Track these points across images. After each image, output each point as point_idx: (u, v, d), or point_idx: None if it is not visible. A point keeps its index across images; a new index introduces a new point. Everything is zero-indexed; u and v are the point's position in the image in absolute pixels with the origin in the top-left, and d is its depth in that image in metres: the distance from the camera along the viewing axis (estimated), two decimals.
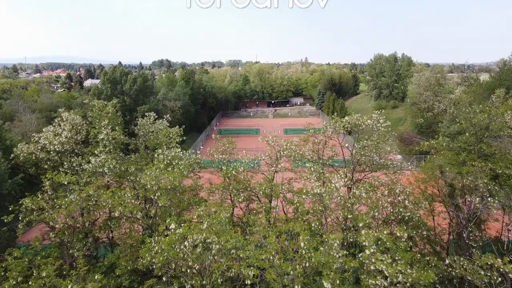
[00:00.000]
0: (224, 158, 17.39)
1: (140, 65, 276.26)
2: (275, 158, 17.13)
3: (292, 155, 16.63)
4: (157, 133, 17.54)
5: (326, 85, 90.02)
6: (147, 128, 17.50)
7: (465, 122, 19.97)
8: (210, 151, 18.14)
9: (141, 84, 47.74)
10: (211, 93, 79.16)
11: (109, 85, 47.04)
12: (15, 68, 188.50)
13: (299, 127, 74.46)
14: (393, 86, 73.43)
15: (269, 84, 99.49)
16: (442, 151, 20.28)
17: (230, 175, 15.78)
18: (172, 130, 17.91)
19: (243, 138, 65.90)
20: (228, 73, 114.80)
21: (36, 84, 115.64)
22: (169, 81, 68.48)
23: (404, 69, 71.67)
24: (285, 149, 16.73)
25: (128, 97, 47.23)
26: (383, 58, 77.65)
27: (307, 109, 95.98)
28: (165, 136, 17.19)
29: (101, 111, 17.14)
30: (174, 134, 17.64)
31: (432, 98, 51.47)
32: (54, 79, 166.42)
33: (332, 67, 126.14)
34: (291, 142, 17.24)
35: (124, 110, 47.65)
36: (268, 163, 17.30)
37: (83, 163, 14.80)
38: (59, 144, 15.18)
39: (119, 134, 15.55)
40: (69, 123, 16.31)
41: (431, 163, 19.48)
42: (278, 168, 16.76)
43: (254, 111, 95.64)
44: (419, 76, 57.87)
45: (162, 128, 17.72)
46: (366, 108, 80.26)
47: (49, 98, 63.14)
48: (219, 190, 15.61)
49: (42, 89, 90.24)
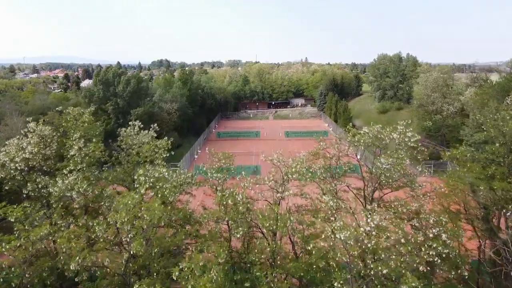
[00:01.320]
0: (219, 177, 14.64)
1: (139, 65, 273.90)
2: (282, 181, 14.16)
3: (302, 179, 13.88)
4: (140, 147, 14.95)
5: (327, 86, 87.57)
6: (131, 140, 15.04)
7: (494, 130, 17.58)
8: (203, 168, 15.56)
9: (135, 86, 45.38)
10: (210, 94, 76.76)
11: (101, 86, 44.71)
12: (12, 68, 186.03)
13: (300, 129, 72.40)
14: (397, 87, 70.99)
15: (269, 84, 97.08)
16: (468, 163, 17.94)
17: (226, 203, 12.84)
18: (159, 143, 15.39)
19: (243, 141, 63.70)
20: (227, 73, 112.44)
21: (32, 85, 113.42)
22: (166, 82, 66.08)
23: (409, 70, 69.25)
24: (294, 171, 13.64)
25: (121, 99, 44.88)
26: (387, 58, 75.20)
27: (309, 110, 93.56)
28: (150, 151, 14.64)
29: (77, 120, 14.75)
30: (160, 148, 15.08)
31: (441, 100, 49.05)
32: (52, 79, 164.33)
33: (333, 67, 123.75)
34: (301, 161, 14.24)
35: (117, 113, 45.40)
36: (273, 187, 14.22)
37: (50, 184, 12.36)
38: (22, 161, 12.78)
39: (94, 148, 13.12)
40: (37, 135, 13.93)
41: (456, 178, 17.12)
42: (285, 194, 13.63)
43: (254, 113, 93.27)
44: (425, 77, 55.48)
45: (147, 141, 15.06)
46: (369, 110, 77.89)
47: (42, 99, 60.84)
48: (213, 219, 12.97)
49: (38, 90, 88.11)
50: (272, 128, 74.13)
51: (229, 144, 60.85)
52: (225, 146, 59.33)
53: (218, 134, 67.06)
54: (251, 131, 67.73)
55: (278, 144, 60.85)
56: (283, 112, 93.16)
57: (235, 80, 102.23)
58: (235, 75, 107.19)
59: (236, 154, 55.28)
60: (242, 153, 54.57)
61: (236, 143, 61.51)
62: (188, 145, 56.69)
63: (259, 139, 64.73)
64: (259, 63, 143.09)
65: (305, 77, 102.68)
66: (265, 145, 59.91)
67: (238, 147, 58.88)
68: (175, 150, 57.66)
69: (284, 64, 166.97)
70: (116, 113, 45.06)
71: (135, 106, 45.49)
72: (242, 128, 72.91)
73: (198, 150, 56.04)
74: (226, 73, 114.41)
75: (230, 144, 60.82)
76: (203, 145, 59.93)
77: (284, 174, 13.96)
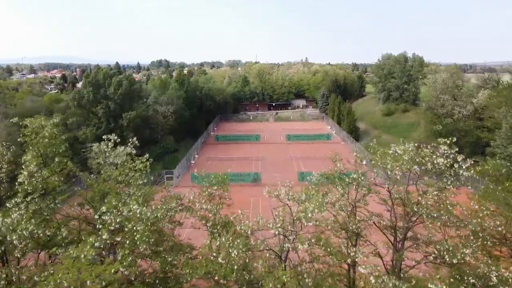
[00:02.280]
0: (210, 209, 11.60)
1: (138, 65, 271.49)
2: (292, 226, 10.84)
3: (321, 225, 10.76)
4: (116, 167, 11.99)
5: (330, 87, 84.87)
6: (103, 159, 12.25)
7: None
8: (190, 196, 12.51)
9: (127, 88, 42.67)
10: (208, 96, 73.99)
11: (91, 88, 41.99)
12: (8, 69, 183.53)
13: (302, 132, 69.60)
14: (403, 88, 68.21)
15: (270, 85, 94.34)
16: (503, 180, 15.29)
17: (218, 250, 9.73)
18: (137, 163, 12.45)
19: (242, 144, 60.98)
20: (227, 74, 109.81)
21: (28, 85, 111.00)
22: (161, 83, 63.30)
23: (416, 70, 66.51)
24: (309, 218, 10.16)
25: (112, 102, 42.16)
26: (392, 58, 72.43)
27: (310, 112, 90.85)
28: (123, 175, 11.78)
29: (37, 134, 12.04)
30: (137, 171, 12.14)
31: (452, 102, 46.33)
32: (50, 79, 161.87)
33: (335, 67, 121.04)
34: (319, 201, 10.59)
35: (108, 117, 42.71)
36: (281, 234, 10.92)
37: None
38: None
39: (49, 173, 10.39)
40: None
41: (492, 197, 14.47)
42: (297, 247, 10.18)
43: (254, 114, 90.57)
44: (434, 78, 52.81)
45: (121, 162, 12.09)
46: (373, 112, 75.20)
47: (33, 101, 58.30)
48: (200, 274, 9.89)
49: (33, 91, 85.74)
50: (272, 131, 71.40)
51: (228, 148, 58.19)
52: (223, 150, 56.70)
53: (216, 138, 64.34)
54: (251, 135, 65.00)
55: (279, 148, 58.16)
56: (284, 114, 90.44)
57: (235, 80, 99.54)
58: (235, 76, 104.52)
59: (235, 159, 52.78)
60: (242, 158, 51.92)
61: (235, 147, 58.79)
62: (184, 149, 54.01)
63: (259, 142, 61.99)
64: (259, 63, 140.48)
65: (306, 78, 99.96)
66: (265, 149, 57.23)
67: (238, 151, 56.19)
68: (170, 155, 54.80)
69: (285, 64, 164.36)
70: (107, 117, 42.36)
71: (127, 109, 42.82)
72: (241, 131, 70.17)
73: (195, 155, 53.32)
74: (225, 74, 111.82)
75: (229, 148, 58.16)
76: (200, 149, 57.25)
77: (296, 218, 10.63)
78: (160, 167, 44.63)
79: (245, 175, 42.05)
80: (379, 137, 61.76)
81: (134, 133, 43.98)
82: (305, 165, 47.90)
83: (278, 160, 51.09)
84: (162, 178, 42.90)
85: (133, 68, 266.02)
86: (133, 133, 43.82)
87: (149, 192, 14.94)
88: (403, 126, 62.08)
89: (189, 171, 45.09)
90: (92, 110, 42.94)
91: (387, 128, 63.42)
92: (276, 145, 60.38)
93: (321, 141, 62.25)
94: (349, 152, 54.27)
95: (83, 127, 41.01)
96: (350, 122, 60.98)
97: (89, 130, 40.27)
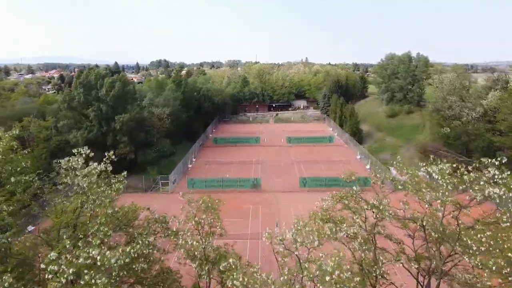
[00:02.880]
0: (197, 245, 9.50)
1: (137, 65, 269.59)
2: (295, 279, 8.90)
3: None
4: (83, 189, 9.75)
5: (331, 87, 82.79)
6: (71, 179, 10.11)
7: None
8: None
9: (120, 89, 40.64)
10: (206, 97, 71.91)
11: (82, 90, 39.97)
12: (6, 69, 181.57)
13: (303, 134, 67.52)
14: (408, 89, 66.15)
15: (270, 85, 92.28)
16: None
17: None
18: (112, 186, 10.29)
19: (242, 147, 58.94)
20: (226, 74, 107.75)
21: (24, 86, 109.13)
22: (157, 84, 61.28)
23: (421, 70, 64.46)
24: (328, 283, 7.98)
25: (104, 104, 40.15)
26: (396, 58, 70.36)
27: (311, 113, 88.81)
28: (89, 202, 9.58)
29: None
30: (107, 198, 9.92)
31: (460, 104, 44.25)
32: (47, 80, 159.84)
33: (337, 67, 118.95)
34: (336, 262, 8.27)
35: (100, 119, 40.69)
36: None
37: None
38: None
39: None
40: None
41: None
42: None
43: (253, 116, 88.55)
44: (440, 78, 50.79)
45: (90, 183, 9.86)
46: (376, 113, 73.17)
47: (25, 102, 56.30)
48: None
49: (29, 91, 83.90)
50: (273, 133, 69.38)
51: (226, 151, 56.19)
52: (222, 154, 54.71)
53: (215, 140, 62.27)
54: (251, 137, 62.93)
55: (280, 151, 56.13)
56: (285, 115, 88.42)
57: (234, 81, 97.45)
58: (234, 76, 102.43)
59: (234, 162, 50.55)
60: (241, 162, 49.96)
61: (235, 150, 56.78)
62: (181, 152, 52.00)
63: (259, 145, 59.96)
64: (259, 63, 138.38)
65: (307, 78, 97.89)
66: (265, 152, 55.23)
67: (237, 154, 54.20)
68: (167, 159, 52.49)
69: (285, 64, 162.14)
70: (99, 120, 40.36)
71: (120, 111, 40.79)
72: (241, 133, 68.12)
73: (192, 158, 51.31)
74: (224, 74, 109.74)
75: (228, 151, 56.16)
76: (198, 152, 55.24)
77: (308, 278, 8.53)
78: (155, 172, 42.59)
79: (244, 181, 40.05)
80: (383, 139, 59.76)
81: (128, 136, 42.08)
82: (307, 169, 45.90)
83: (279, 163, 49.11)
84: (157, 184, 40.92)
85: (132, 68, 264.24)
86: (127, 136, 41.90)
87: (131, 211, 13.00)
88: (408, 128, 59.97)
89: (185, 176, 43.08)
90: (83, 112, 40.95)
91: (391, 130, 61.33)
92: (276, 147, 58.37)
93: (323, 143, 60.26)
94: (353, 156, 52.32)
95: (73, 130, 39.02)
96: (353, 124, 58.95)
97: (80, 133, 38.28)
